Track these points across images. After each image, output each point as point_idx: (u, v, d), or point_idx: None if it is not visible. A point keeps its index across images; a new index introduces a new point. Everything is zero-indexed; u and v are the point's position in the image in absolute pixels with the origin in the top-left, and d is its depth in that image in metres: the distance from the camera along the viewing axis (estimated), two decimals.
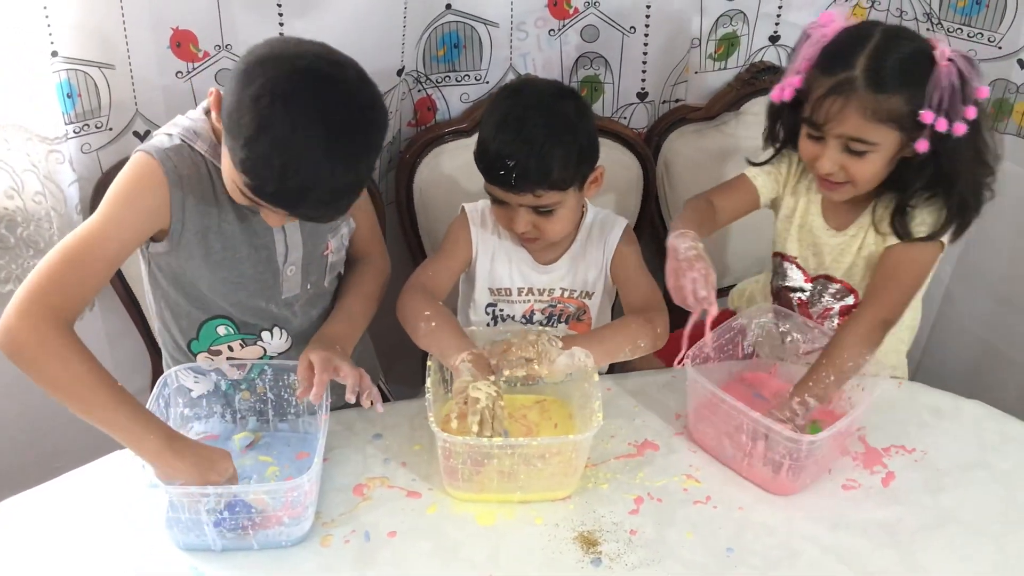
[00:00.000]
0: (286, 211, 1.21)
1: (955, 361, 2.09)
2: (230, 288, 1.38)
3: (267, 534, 1.22)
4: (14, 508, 1.30)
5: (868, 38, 1.36)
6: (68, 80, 1.56)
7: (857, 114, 1.35)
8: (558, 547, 1.26)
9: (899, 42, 1.35)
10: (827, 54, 1.38)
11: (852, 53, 1.35)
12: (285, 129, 1.12)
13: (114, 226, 1.24)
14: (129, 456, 1.26)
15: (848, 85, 1.34)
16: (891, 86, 1.33)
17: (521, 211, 1.47)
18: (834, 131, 1.38)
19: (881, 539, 1.28)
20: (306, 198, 1.17)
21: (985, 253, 1.95)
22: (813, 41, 1.40)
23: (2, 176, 1.62)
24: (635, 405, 1.52)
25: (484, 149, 1.46)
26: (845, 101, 1.35)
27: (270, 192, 1.16)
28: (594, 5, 1.80)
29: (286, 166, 1.13)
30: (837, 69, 1.35)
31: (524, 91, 1.52)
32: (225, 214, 1.32)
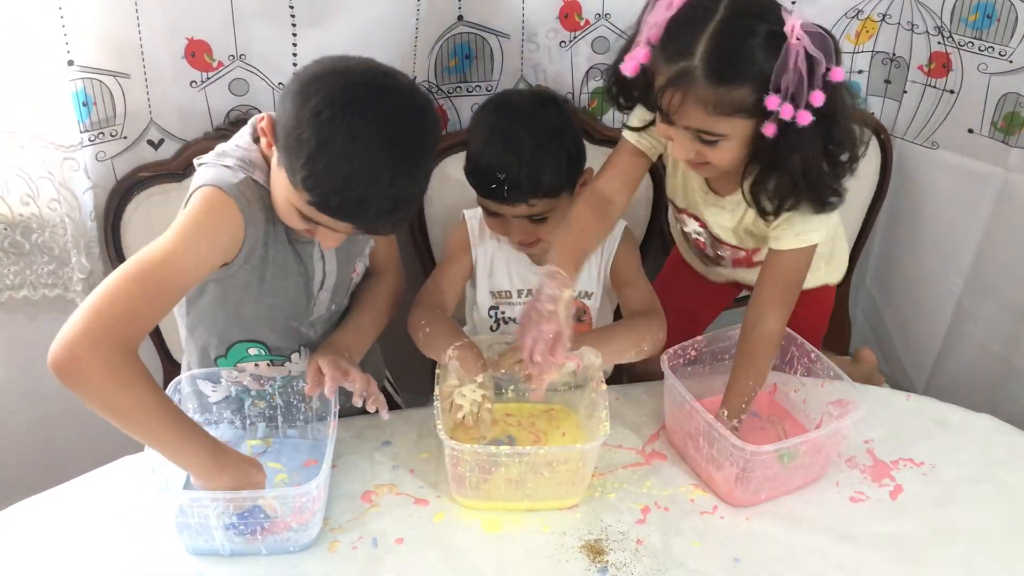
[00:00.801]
0: (350, 223, 1.21)
1: (967, 376, 2.08)
2: (272, 313, 1.38)
3: (275, 539, 1.22)
4: (25, 512, 1.31)
5: (710, 16, 1.23)
6: (84, 89, 1.58)
7: (698, 109, 1.25)
8: (565, 556, 1.26)
9: (742, 21, 1.22)
10: (668, 34, 1.26)
11: (692, 37, 1.23)
12: (347, 139, 1.14)
13: (190, 256, 1.21)
14: (139, 461, 1.28)
15: (686, 77, 1.23)
16: (732, 77, 1.22)
17: (515, 221, 1.49)
18: (680, 123, 1.29)
19: (888, 551, 1.28)
20: (369, 208, 1.18)
21: (998, 268, 1.95)
22: (662, 6, 1.27)
23: (18, 183, 1.64)
24: (642, 415, 1.53)
25: (475, 165, 1.48)
26: (684, 95, 1.24)
27: (335, 205, 1.17)
28: (605, 17, 1.81)
29: (349, 176, 1.14)
30: (676, 57, 1.24)
31: (507, 104, 1.53)
32: (279, 244, 1.33)
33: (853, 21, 1.91)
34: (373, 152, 1.15)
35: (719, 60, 1.22)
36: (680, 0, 1.26)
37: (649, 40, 1.29)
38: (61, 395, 1.87)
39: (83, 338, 1.11)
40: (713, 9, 1.23)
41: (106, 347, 1.12)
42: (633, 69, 1.30)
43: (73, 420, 1.93)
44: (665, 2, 1.27)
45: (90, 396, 1.13)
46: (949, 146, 1.94)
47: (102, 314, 1.13)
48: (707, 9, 1.24)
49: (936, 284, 2.08)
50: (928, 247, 2.07)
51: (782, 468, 1.33)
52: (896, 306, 2.20)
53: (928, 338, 2.14)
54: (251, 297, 1.35)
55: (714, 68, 1.22)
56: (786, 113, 1.21)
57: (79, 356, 1.11)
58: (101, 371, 1.11)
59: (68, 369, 1.11)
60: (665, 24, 1.27)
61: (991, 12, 1.76)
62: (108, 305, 1.14)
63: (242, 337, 1.40)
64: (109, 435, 1.55)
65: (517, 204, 1.45)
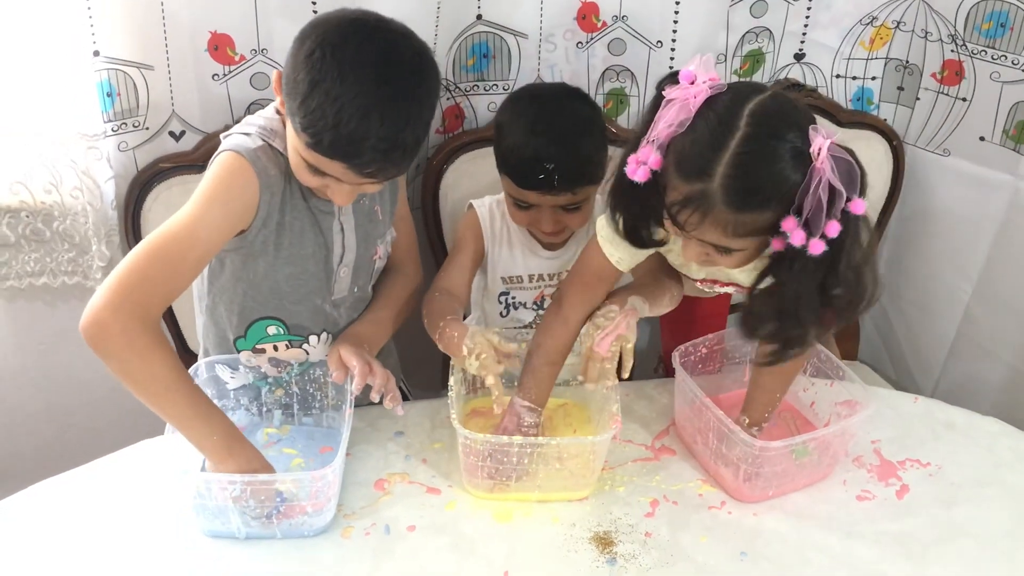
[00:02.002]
0: (343, 163, 1.20)
1: (974, 381, 2.09)
2: (292, 285, 1.39)
3: (290, 524, 1.25)
4: (44, 492, 1.34)
5: (729, 133, 1.12)
6: (108, 79, 1.60)
7: (717, 229, 1.15)
8: (574, 546, 1.28)
9: (767, 144, 1.12)
10: (684, 152, 1.15)
11: (711, 157, 1.12)
12: (336, 78, 1.16)
13: (204, 226, 1.24)
14: (158, 444, 1.30)
15: (704, 200, 1.13)
16: (754, 206, 1.13)
17: (547, 211, 1.50)
18: (694, 236, 1.19)
19: (892, 550, 1.29)
20: (361, 147, 1.18)
21: (1007, 275, 1.96)
22: (676, 107, 1.16)
23: (41, 171, 1.67)
24: (653, 411, 1.55)
25: (518, 156, 1.47)
26: (702, 216, 1.14)
27: (327, 144, 1.18)
28: (622, 19, 1.83)
29: (340, 113, 1.15)
30: (693, 175, 1.13)
31: (541, 96, 1.57)
32: (297, 212, 1.35)
33: (867, 27, 1.93)
34: (363, 90, 1.16)
35: (741, 188, 1.12)
36: (696, 103, 1.15)
37: (659, 143, 1.17)
38: (78, 382, 1.93)
39: (106, 305, 1.17)
40: (734, 125, 1.12)
41: (124, 314, 1.17)
42: (644, 175, 1.18)
43: (90, 407, 1.96)
44: (679, 103, 1.16)
45: (111, 362, 1.19)
46: (960, 154, 1.95)
47: (123, 284, 1.19)
48: (728, 124, 1.12)
49: (945, 290, 2.09)
50: (938, 253, 2.08)
51: (791, 465, 1.35)
52: (905, 311, 2.21)
53: (936, 344, 2.15)
54: (269, 265, 1.36)
55: (735, 195, 1.12)
56: (797, 240, 1.12)
57: (101, 320, 1.17)
58: (120, 338, 1.17)
59: (91, 332, 1.18)
60: (679, 132, 1.16)
61: (1005, 21, 1.78)
62: (128, 276, 1.19)
63: (262, 314, 1.41)
64: (125, 422, 1.58)
65: (561, 193, 1.47)
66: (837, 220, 1.11)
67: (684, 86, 1.16)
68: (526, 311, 1.66)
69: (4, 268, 1.76)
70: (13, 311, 1.83)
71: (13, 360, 1.88)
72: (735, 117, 1.12)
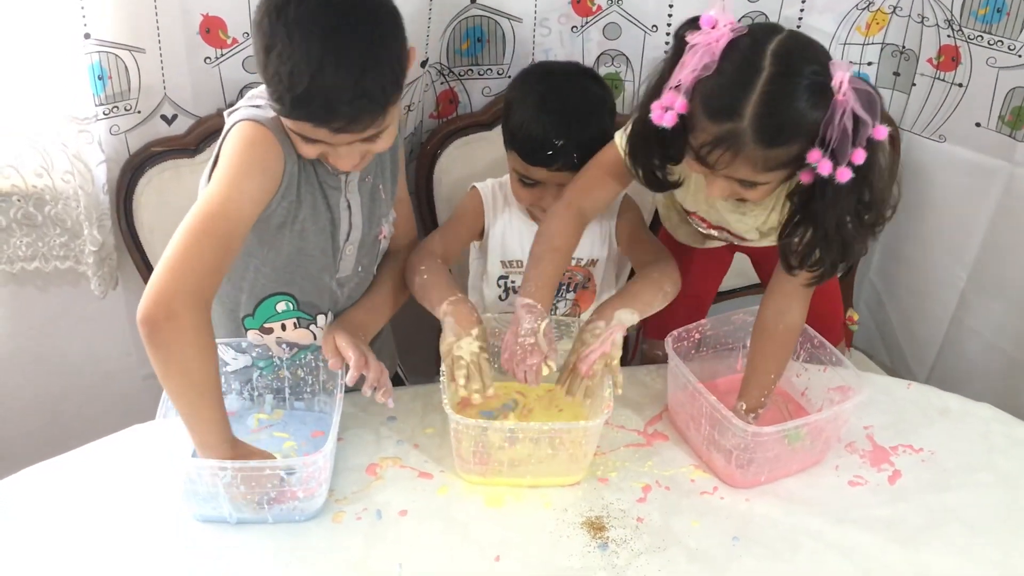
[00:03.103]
0: (311, 123, 1.19)
1: (970, 368, 2.10)
2: (303, 260, 1.39)
3: (281, 508, 1.24)
4: (35, 476, 1.33)
5: (755, 74, 1.17)
6: (100, 62, 1.59)
7: (747, 166, 1.21)
8: (566, 531, 1.28)
9: (790, 82, 1.17)
10: (710, 94, 1.20)
11: (739, 97, 1.18)
12: (284, 38, 1.14)
13: (242, 197, 1.23)
14: (149, 429, 1.30)
15: (735, 139, 1.19)
16: (783, 140, 1.19)
17: (554, 189, 1.50)
18: (722, 173, 1.25)
19: (884, 535, 1.30)
20: (322, 102, 1.16)
21: (1003, 261, 1.96)
22: (697, 53, 1.20)
23: (33, 154, 1.66)
24: (646, 397, 1.55)
25: (527, 132, 1.47)
26: (733, 155, 1.20)
27: (290, 106, 1.17)
28: (617, 3, 1.82)
29: (292, 73, 1.14)
30: (723, 117, 1.19)
31: (553, 72, 1.57)
32: (310, 186, 1.34)
33: (864, 12, 1.92)
34: (312, 45, 1.14)
35: (770, 124, 1.18)
36: (719, 47, 1.20)
37: (683, 87, 1.22)
38: (70, 367, 1.93)
39: (180, 293, 1.15)
40: (759, 65, 1.18)
41: (196, 302, 1.17)
42: (671, 120, 1.23)
43: (82, 392, 1.96)
44: (701, 48, 1.20)
45: (172, 355, 1.17)
46: (956, 139, 1.95)
47: (188, 269, 1.17)
48: (753, 65, 1.18)
49: (940, 277, 2.09)
50: (933, 240, 2.08)
51: (784, 450, 1.35)
52: (900, 298, 2.21)
53: (931, 331, 2.15)
54: (284, 239, 1.35)
55: (765, 132, 1.18)
56: (824, 169, 1.18)
57: (177, 312, 1.15)
58: (192, 330, 1.16)
59: (166, 325, 1.15)
60: (704, 75, 1.20)
61: (1001, 6, 1.77)
62: (189, 260, 1.18)
63: (272, 289, 1.41)
64: (117, 408, 1.58)
65: (568, 170, 1.47)
66: (863, 148, 1.18)
67: (706, 31, 1.21)
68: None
69: None
70: (5, 296, 1.83)
71: (5, 345, 1.88)
72: (759, 57, 1.18)
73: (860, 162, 1.18)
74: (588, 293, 1.68)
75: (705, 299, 1.89)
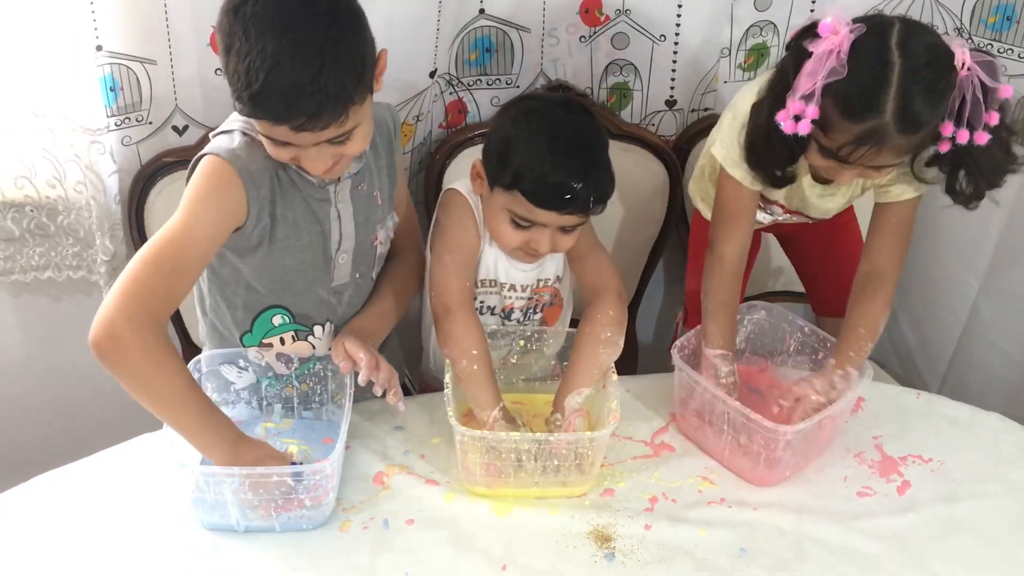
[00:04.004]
0: (272, 121, 1.19)
1: (982, 377, 2.08)
2: (293, 276, 1.39)
3: (289, 517, 1.25)
4: (46, 484, 1.34)
5: (888, 69, 1.24)
6: (111, 74, 1.61)
7: (891, 154, 1.30)
8: (572, 541, 1.28)
9: (922, 69, 1.24)
10: (848, 96, 1.26)
11: (877, 96, 1.24)
12: (240, 37, 1.15)
13: (199, 227, 1.25)
14: (158, 438, 1.30)
15: (880, 132, 1.25)
16: (924, 125, 1.27)
17: (550, 231, 1.42)
18: (865, 164, 1.32)
19: (892, 545, 1.29)
20: (278, 98, 1.16)
21: (1015, 270, 1.95)
22: (823, 59, 1.26)
23: (46, 165, 1.68)
24: (652, 407, 1.54)
25: (540, 176, 1.35)
26: (879, 148, 1.27)
27: (249, 104, 1.17)
28: (625, 13, 1.82)
29: (249, 70, 1.14)
30: (865, 116, 1.25)
31: (552, 106, 1.45)
32: (289, 203, 1.34)
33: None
34: (267, 42, 1.14)
35: (912, 114, 1.25)
36: (845, 49, 1.25)
37: (810, 95, 1.27)
38: (82, 375, 1.94)
39: (120, 317, 1.17)
40: (889, 60, 1.24)
41: (140, 325, 1.17)
42: (806, 128, 1.29)
43: (93, 400, 1.97)
44: (824, 56, 1.26)
45: (127, 374, 1.19)
46: None
47: (132, 294, 1.18)
48: (883, 61, 1.24)
49: (952, 285, 2.08)
50: (945, 249, 2.07)
51: (806, 444, 1.37)
52: (911, 307, 2.20)
53: (943, 339, 2.14)
54: (267, 256, 1.36)
55: (908, 122, 1.25)
56: (963, 139, 1.26)
57: (117, 334, 1.16)
58: (137, 351, 1.17)
59: (109, 347, 1.17)
60: (831, 79, 1.26)
61: (1011, 14, 1.77)
62: (135, 285, 1.19)
63: (266, 303, 1.41)
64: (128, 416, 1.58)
65: (578, 213, 1.39)
66: (995, 110, 1.26)
67: (828, 37, 1.27)
68: (492, 317, 1.57)
69: (9, 262, 1.77)
70: (18, 305, 1.85)
71: (17, 354, 1.89)
72: (887, 52, 1.25)
73: (995, 123, 1.27)
74: (555, 309, 1.62)
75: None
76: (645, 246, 2.00)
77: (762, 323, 1.62)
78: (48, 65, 1.59)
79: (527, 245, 1.43)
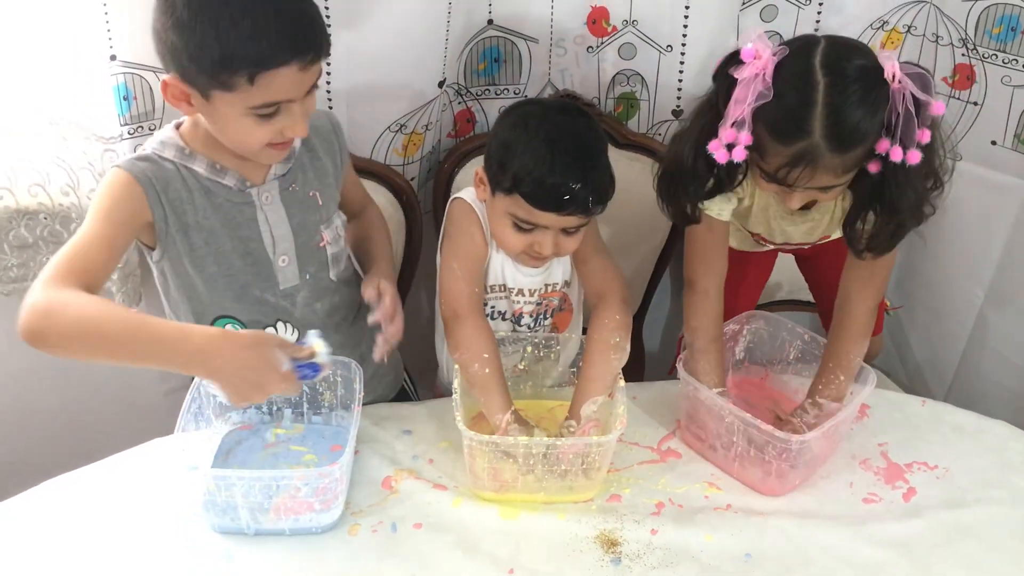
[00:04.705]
0: (248, 70, 1.19)
1: (988, 387, 2.09)
2: (226, 283, 1.40)
3: (298, 520, 1.26)
4: (56, 488, 1.35)
5: (813, 89, 1.23)
6: (125, 83, 1.63)
7: (828, 174, 1.28)
8: (579, 545, 1.29)
9: (848, 86, 1.23)
10: (776, 120, 1.26)
11: (804, 116, 1.24)
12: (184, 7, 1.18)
13: (100, 234, 1.26)
14: (170, 443, 1.32)
15: (811, 153, 1.25)
16: (855, 142, 1.25)
17: (552, 234, 1.43)
18: (802, 186, 1.31)
19: (898, 552, 1.30)
20: (249, 47, 1.18)
21: (1020, 280, 1.95)
22: (749, 85, 1.26)
23: (59, 173, 1.69)
24: (659, 413, 1.55)
25: (538, 177, 1.37)
26: (813, 169, 1.26)
27: (208, 73, 1.19)
28: (632, 24, 1.84)
29: (203, 40, 1.17)
30: (794, 138, 1.25)
31: (551, 111, 1.47)
32: (200, 209, 1.35)
33: (879, 32, 1.93)
34: (205, 7, 1.17)
35: (841, 132, 1.24)
36: (769, 73, 1.26)
37: (741, 121, 1.28)
38: (91, 382, 1.95)
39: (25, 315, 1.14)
40: (812, 79, 1.24)
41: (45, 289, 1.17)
42: (740, 155, 1.29)
43: (103, 407, 1.98)
44: (750, 80, 1.26)
45: (54, 343, 1.15)
46: (972, 158, 1.95)
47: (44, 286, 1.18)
48: (807, 81, 1.24)
49: (957, 295, 2.08)
50: (950, 258, 2.08)
51: (815, 452, 1.38)
52: (917, 317, 2.21)
53: (949, 349, 2.15)
54: (193, 269, 1.38)
55: (838, 139, 1.24)
56: (896, 156, 1.24)
57: (27, 324, 1.14)
58: (40, 318, 1.14)
59: (28, 336, 1.14)
60: (761, 103, 1.26)
61: (1015, 25, 1.78)
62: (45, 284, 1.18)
63: (213, 313, 1.43)
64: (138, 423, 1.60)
65: (578, 214, 1.40)
66: (927, 127, 1.24)
67: (751, 63, 1.27)
68: (503, 323, 1.60)
69: (22, 269, 1.79)
70: None
71: (29, 359, 1.89)
72: (810, 72, 1.24)
73: (927, 141, 1.25)
74: (565, 315, 1.63)
75: (751, 301, 1.94)
76: (652, 255, 2.02)
77: (761, 332, 1.63)
78: (62, 74, 1.61)
79: (531, 248, 1.45)
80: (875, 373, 1.46)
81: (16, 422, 1.96)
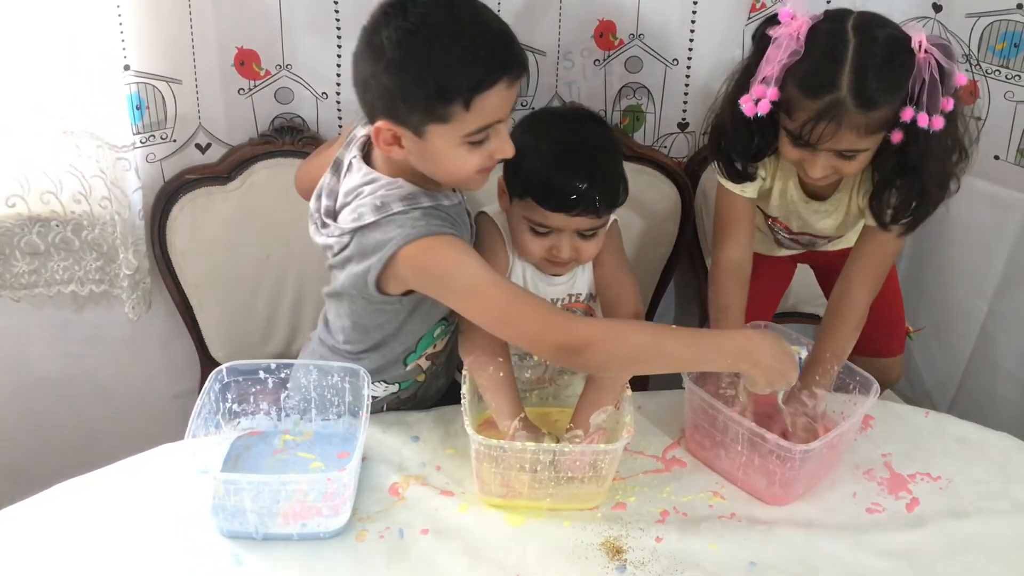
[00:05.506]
0: (465, 96, 1.22)
1: (991, 400, 2.09)
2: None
3: (306, 525, 1.27)
4: (66, 492, 1.36)
5: (844, 47, 1.32)
6: (138, 92, 1.65)
7: (851, 133, 1.34)
8: (584, 552, 1.30)
9: (877, 48, 1.32)
10: (806, 74, 1.35)
11: (833, 71, 1.32)
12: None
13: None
14: (179, 447, 1.33)
15: (837, 108, 1.32)
16: (882, 102, 1.32)
17: (565, 237, 1.45)
18: (826, 147, 1.37)
19: (901, 561, 1.30)
20: (464, 73, 1.23)
21: (1023, 293, 1.96)
22: (780, 44, 1.35)
23: (72, 181, 1.71)
24: (664, 423, 1.56)
25: (546, 177, 1.41)
26: (837, 124, 1.33)
27: (434, 95, 1.22)
28: (639, 38, 1.86)
29: (425, 57, 1.21)
30: (822, 92, 1.32)
31: (561, 116, 1.53)
32: None
33: None
34: (414, 44, 1.21)
35: (867, 88, 1.31)
36: (803, 34, 1.34)
37: (773, 78, 1.36)
38: (103, 389, 1.96)
39: (560, 329, 1.28)
40: (844, 39, 1.33)
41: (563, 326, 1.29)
42: (765, 108, 1.37)
43: (115, 414, 2.00)
44: (784, 40, 1.35)
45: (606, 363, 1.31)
46: (975, 172, 1.93)
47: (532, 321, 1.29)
48: (839, 40, 1.33)
49: (961, 309, 2.09)
50: (953, 272, 2.09)
51: (819, 462, 1.39)
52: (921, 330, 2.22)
53: (952, 363, 2.16)
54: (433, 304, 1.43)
55: (864, 95, 1.31)
56: (923, 121, 1.32)
57: (578, 335, 1.27)
58: (600, 342, 1.28)
59: (579, 346, 1.26)
60: (796, 67, 1.35)
61: (1018, 41, 1.79)
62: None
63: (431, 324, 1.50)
64: (147, 428, 1.61)
65: (589, 215, 1.42)
66: (951, 95, 1.32)
67: (787, 23, 1.35)
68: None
69: (34, 276, 1.81)
70: (42, 318, 1.87)
71: (41, 366, 1.92)
72: (843, 33, 1.33)
73: (950, 108, 1.33)
74: None
75: (767, 313, 1.94)
76: (657, 266, 2.03)
77: None
78: (76, 83, 1.63)
79: (549, 253, 1.48)
80: (877, 384, 1.47)
81: (27, 427, 1.97)
